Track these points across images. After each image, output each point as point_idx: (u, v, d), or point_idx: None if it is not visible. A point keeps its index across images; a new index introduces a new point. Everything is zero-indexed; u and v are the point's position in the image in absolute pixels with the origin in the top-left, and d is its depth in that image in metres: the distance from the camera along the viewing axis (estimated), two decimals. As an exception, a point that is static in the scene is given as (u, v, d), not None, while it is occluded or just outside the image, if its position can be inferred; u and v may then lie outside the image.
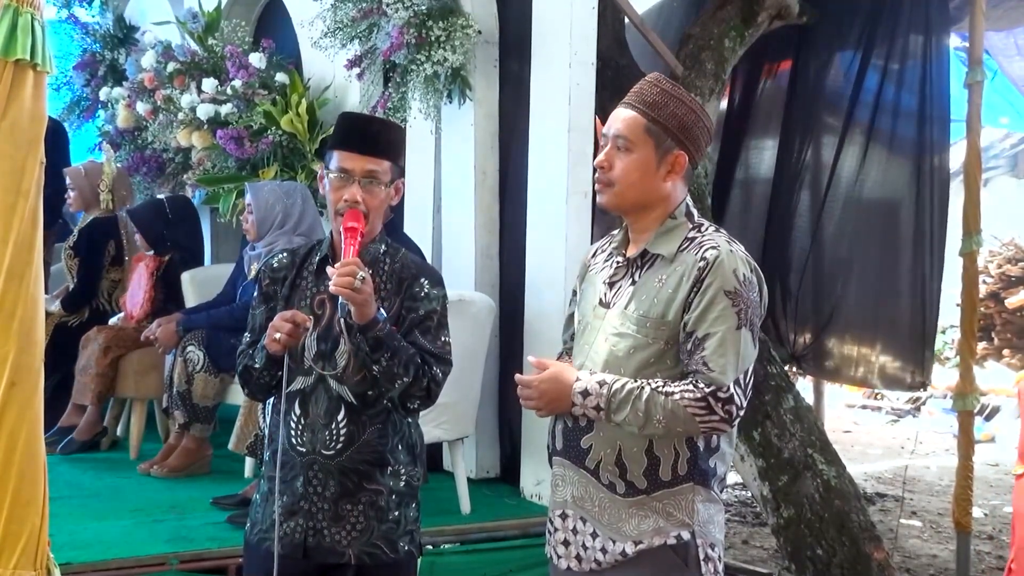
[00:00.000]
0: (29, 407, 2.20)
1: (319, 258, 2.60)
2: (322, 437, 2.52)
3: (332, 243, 2.60)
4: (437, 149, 4.97)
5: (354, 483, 2.53)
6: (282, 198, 4.56)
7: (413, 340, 2.54)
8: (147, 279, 5.21)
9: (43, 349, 2.25)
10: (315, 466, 2.53)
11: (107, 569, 3.45)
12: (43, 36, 2.21)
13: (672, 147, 2.30)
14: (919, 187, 5.54)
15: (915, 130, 5.55)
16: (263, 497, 2.60)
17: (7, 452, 2.17)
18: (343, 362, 2.52)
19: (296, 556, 2.52)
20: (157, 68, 6.02)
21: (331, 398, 2.53)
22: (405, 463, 2.60)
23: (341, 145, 2.56)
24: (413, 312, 2.56)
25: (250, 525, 2.64)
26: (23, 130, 2.19)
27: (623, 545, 2.28)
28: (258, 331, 2.60)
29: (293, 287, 2.60)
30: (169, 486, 4.51)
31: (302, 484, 2.53)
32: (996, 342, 10.85)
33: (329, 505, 2.53)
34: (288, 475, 2.54)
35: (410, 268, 2.62)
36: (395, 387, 2.48)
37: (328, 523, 2.53)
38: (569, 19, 4.32)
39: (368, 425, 2.54)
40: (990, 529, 6.30)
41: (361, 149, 2.54)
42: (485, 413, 4.60)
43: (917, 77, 5.52)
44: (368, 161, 2.53)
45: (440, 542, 3.85)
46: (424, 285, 2.59)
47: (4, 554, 2.18)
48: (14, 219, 2.17)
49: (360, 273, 2.38)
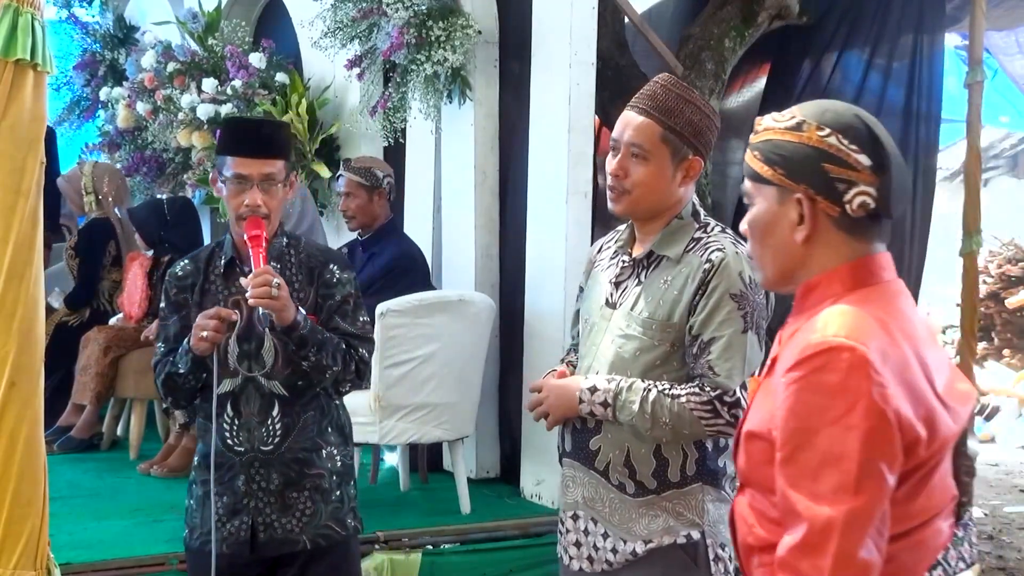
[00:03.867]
0: (29, 407, 2.20)
1: (225, 261, 2.62)
2: (259, 434, 2.58)
3: (235, 244, 2.62)
4: (437, 149, 4.96)
5: (296, 471, 2.60)
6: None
7: (335, 327, 2.61)
8: (142, 278, 5.21)
9: (43, 349, 2.25)
10: (255, 463, 2.58)
11: (107, 569, 3.44)
12: (43, 36, 2.22)
13: (687, 153, 2.28)
14: (912, 185, 5.56)
15: (903, 127, 5.58)
16: (199, 501, 2.63)
17: (7, 452, 2.17)
18: (270, 359, 2.57)
19: (243, 553, 2.57)
20: (157, 68, 6.02)
21: (263, 395, 2.58)
22: (338, 444, 2.69)
23: (234, 151, 2.56)
24: (330, 299, 2.63)
25: (189, 531, 2.67)
26: (23, 130, 2.19)
27: (633, 545, 2.28)
28: (172, 340, 2.62)
29: (204, 293, 2.62)
30: (169, 486, 4.51)
31: (243, 482, 2.58)
32: (996, 342, 10.84)
33: (275, 497, 2.59)
34: (225, 476, 2.58)
35: (317, 256, 2.68)
36: (326, 377, 2.56)
37: (277, 514, 2.59)
38: (569, 19, 4.32)
39: (301, 414, 2.61)
40: (990, 529, 6.30)
41: (255, 153, 2.56)
42: (485, 413, 4.60)
43: (913, 75, 5.54)
44: (264, 164, 2.55)
45: (440, 542, 3.85)
46: (334, 271, 2.66)
47: (4, 554, 2.18)
48: (14, 219, 2.18)
49: (275, 280, 2.44)
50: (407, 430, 4.08)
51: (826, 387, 1.47)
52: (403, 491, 4.50)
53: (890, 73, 5.60)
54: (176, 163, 6.31)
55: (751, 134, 1.68)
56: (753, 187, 1.65)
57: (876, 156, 1.56)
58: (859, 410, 1.44)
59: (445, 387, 4.14)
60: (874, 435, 1.44)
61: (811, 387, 1.48)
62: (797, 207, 1.58)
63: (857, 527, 1.44)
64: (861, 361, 1.46)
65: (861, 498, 1.44)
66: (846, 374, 1.46)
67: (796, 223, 1.59)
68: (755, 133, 1.66)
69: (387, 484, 4.60)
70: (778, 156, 1.60)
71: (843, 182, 1.55)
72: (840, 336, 1.48)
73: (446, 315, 4.19)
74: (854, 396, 1.45)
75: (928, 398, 1.51)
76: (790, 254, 1.61)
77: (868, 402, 1.44)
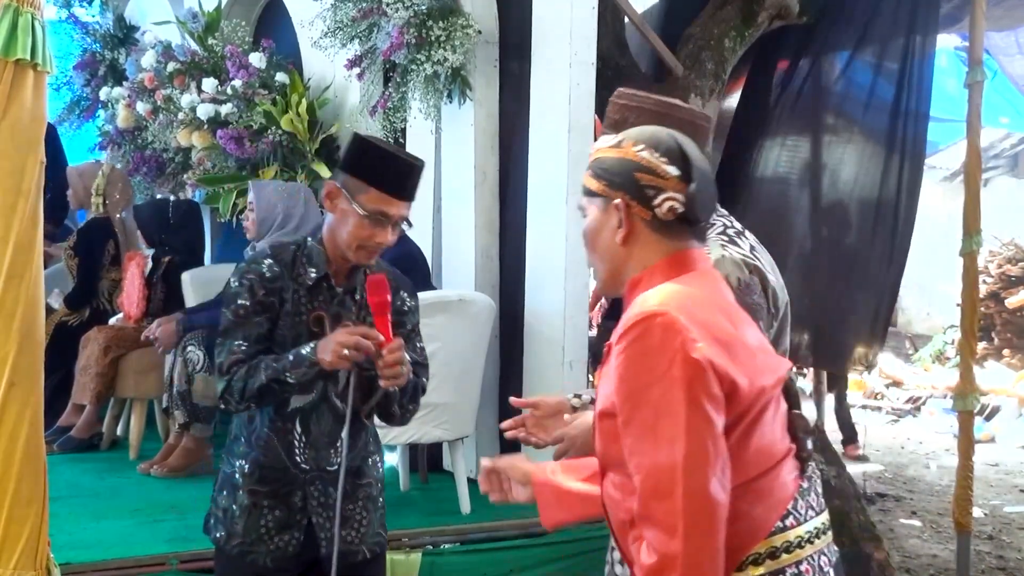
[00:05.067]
0: (29, 407, 2.20)
1: (317, 276, 2.52)
2: (326, 454, 2.56)
3: (327, 260, 2.53)
4: (437, 149, 4.96)
5: (350, 484, 2.58)
6: (284, 198, 4.55)
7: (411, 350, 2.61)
8: (139, 278, 5.22)
9: (43, 349, 2.25)
10: (317, 481, 2.56)
11: (107, 569, 3.44)
12: (43, 36, 2.22)
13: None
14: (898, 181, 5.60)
15: (889, 124, 5.61)
16: (243, 509, 2.54)
17: (7, 452, 2.17)
18: (343, 380, 2.53)
19: (289, 568, 2.55)
20: (157, 68, 6.02)
21: (336, 415, 2.55)
22: (379, 452, 2.73)
23: (383, 186, 2.45)
24: (400, 327, 2.58)
25: (226, 535, 2.56)
26: (23, 130, 2.19)
27: None
28: (255, 341, 2.49)
29: (290, 302, 2.52)
30: (169, 486, 4.51)
31: (300, 498, 2.55)
32: (996, 342, 10.85)
33: (334, 512, 2.55)
34: (282, 490, 2.54)
35: (391, 282, 2.62)
36: (400, 410, 2.60)
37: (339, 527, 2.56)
38: (569, 19, 4.32)
39: (361, 430, 2.62)
40: (990, 529, 6.30)
41: (405, 195, 2.49)
42: (485, 413, 4.60)
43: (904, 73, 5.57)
44: (405, 207, 2.50)
45: (440, 542, 3.85)
46: (405, 299, 2.65)
47: (4, 554, 2.18)
48: (14, 219, 2.18)
49: (406, 357, 2.44)
50: (407, 430, 4.08)
51: (646, 350, 1.68)
52: (403, 491, 4.49)
53: (882, 71, 5.64)
54: (176, 163, 6.30)
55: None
56: (586, 201, 1.89)
57: (684, 168, 1.80)
58: (677, 363, 1.65)
59: (445, 387, 4.13)
60: (693, 382, 1.65)
61: (635, 353, 1.69)
62: (616, 213, 1.82)
63: (698, 465, 1.63)
64: (671, 322, 1.68)
65: (695, 438, 1.64)
66: (662, 335, 1.67)
67: (616, 227, 1.82)
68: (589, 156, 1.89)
69: (387, 484, 4.54)
70: (602, 170, 1.85)
71: (653, 188, 1.79)
72: (653, 306, 1.71)
73: (446, 315, 4.18)
74: (671, 352, 1.66)
75: (739, 351, 1.73)
76: (614, 255, 1.85)
77: (683, 355, 1.65)
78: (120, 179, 5.77)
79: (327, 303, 2.53)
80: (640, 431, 1.67)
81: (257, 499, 2.53)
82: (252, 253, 2.58)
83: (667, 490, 1.63)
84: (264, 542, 2.52)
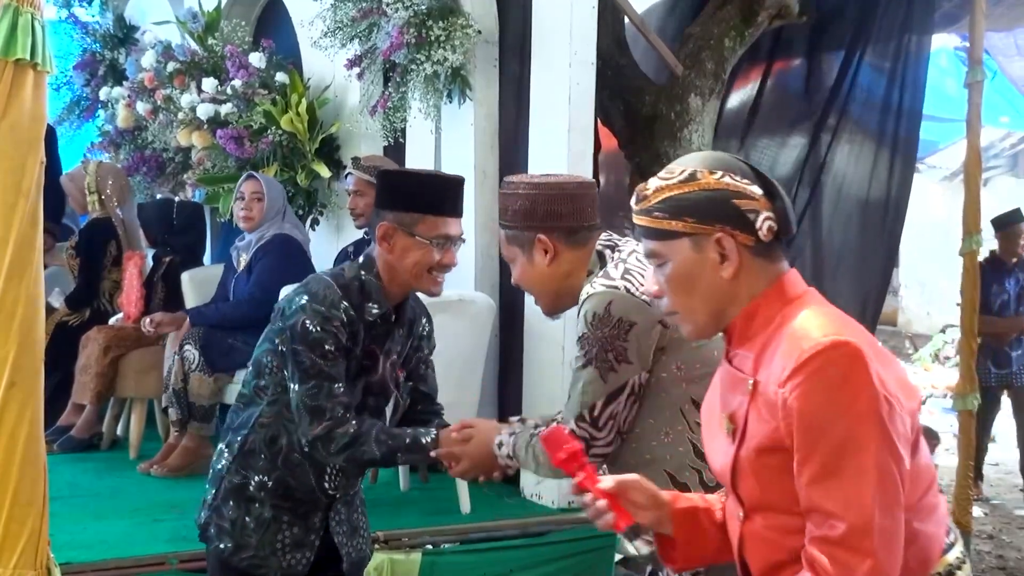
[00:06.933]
0: (29, 407, 2.20)
1: (379, 312, 2.50)
2: (354, 482, 2.64)
3: (385, 294, 2.51)
4: (437, 149, 4.96)
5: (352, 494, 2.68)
6: (281, 191, 5.01)
7: (422, 379, 2.70)
8: (137, 278, 5.23)
9: (43, 349, 2.25)
10: (338, 504, 2.62)
11: (107, 569, 3.44)
12: (43, 36, 2.21)
13: (530, 237, 2.35)
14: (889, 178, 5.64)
15: (883, 121, 5.64)
16: (262, 522, 2.52)
17: (7, 452, 2.17)
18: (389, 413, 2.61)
19: None
20: (157, 68, 6.02)
21: None
22: None
23: (437, 210, 2.47)
24: (419, 352, 2.67)
25: (234, 546, 2.52)
26: (23, 130, 2.19)
27: None
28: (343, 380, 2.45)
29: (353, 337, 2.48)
30: (169, 486, 4.51)
31: (320, 520, 2.58)
32: (996, 342, 10.82)
33: (347, 526, 2.64)
34: (301, 509, 2.56)
35: (413, 307, 2.66)
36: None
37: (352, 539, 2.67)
38: (569, 19, 4.32)
39: None
40: (990, 529, 6.30)
41: (457, 212, 2.54)
42: (485, 413, 4.59)
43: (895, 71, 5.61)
44: (459, 224, 2.54)
45: (440, 542, 3.85)
46: (424, 325, 2.70)
47: (4, 554, 2.18)
48: (14, 219, 2.17)
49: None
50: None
51: (831, 382, 1.54)
52: (403, 491, 4.50)
53: (877, 70, 5.68)
54: (176, 163, 6.31)
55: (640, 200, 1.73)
56: (661, 247, 1.72)
57: (764, 185, 1.70)
58: (865, 398, 1.53)
59: (445, 387, 4.09)
60: (884, 418, 1.53)
61: (817, 386, 1.55)
62: (716, 247, 1.68)
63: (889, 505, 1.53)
64: (856, 352, 1.55)
65: (887, 476, 1.53)
66: (848, 367, 1.54)
67: (719, 263, 1.68)
68: (642, 199, 1.73)
69: (387, 484, 4.60)
70: (683, 207, 1.69)
71: (752, 212, 1.67)
72: (830, 335, 1.57)
73: (446, 315, 4.17)
74: (858, 386, 1.53)
75: (897, 374, 1.63)
76: (721, 293, 1.70)
77: (872, 389, 1.53)
78: (110, 173, 5.71)
79: (382, 337, 2.54)
80: (822, 471, 1.54)
81: (279, 513, 2.53)
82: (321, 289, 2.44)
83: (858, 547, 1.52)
84: (277, 557, 2.52)
